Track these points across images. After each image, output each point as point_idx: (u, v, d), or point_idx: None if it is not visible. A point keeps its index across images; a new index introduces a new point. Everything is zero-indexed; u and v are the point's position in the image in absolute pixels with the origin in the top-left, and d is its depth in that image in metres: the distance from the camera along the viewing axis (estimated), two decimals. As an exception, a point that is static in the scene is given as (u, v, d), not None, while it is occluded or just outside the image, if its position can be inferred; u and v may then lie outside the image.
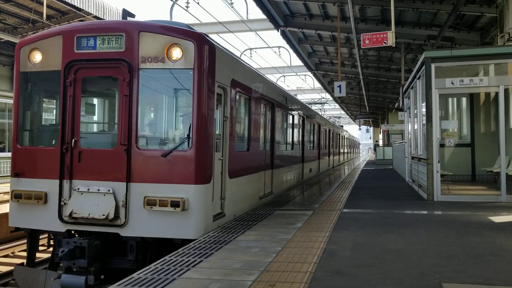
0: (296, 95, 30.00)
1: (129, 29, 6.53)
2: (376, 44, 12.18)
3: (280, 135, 11.65)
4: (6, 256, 10.87)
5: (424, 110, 10.87)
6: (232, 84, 7.57)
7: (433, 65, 10.26)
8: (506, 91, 10.23)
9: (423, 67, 10.65)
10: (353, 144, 49.75)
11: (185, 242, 6.03)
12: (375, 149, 46.38)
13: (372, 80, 29.01)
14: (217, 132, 7.00)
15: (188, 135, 6.26)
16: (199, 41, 6.40)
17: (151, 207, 6.14)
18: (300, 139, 15.07)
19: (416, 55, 20.87)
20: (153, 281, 4.37)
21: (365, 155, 76.57)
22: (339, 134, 30.77)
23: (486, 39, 15.85)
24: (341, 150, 32.52)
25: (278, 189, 11.42)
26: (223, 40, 30.15)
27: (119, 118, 6.47)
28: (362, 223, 7.49)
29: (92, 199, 6.34)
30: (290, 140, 13.41)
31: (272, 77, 29.58)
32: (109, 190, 6.32)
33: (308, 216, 8.19)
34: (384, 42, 11.93)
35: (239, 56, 14.10)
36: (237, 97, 8.01)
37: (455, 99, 16.17)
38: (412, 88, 14.01)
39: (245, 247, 5.75)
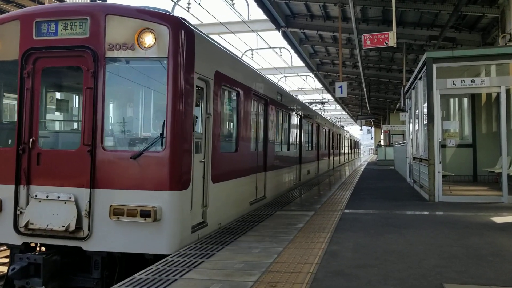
0: (297, 95, 29.96)
1: (94, 12, 5.75)
2: (377, 45, 12.18)
3: (274, 135, 10.91)
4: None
5: (425, 110, 10.86)
6: (216, 76, 6.81)
7: (434, 66, 10.26)
8: (508, 91, 10.23)
9: (425, 67, 10.65)
10: (354, 145, 49.47)
11: (158, 257, 5.35)
12: (377, 150, 46.31)
13: (374, 81, 29.01)
14: (198, 131, 6.31)
15: (162, 134, 5.49)
16: (175, 25, 5.64)
17: (118, 218, 5.38)
18: (298, 139, 14.45)
19: (417, 55, 20.87)
20: (154, 281, 4.37)
21: (366, 155, 76.58)
22: (340, 134, 30.31)
23: (488, 40, 15.85)
24: (342, 151, 32.15)
25: (272, 193, 10.75)
26: (224, 40, 30.17)
27: (82, 114, 5.71)
28: (364, 223, 7.49)
29: (51, 208, 5.57)
30: (286, 140, 12.75)
31: (273, 78, 29.58)
32: (70, 198, 5.54)
33: (310, 216, 8.18)
34: (385, 43, 11.93)
35: (240, 56, 13.95)
36: (223, 91, 7.26)
37: (456, 99, 16.15)
38: (413, 88, 14.00)
39: (247, 247, 5.75)
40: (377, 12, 16.40)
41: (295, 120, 13.89)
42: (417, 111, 13.52)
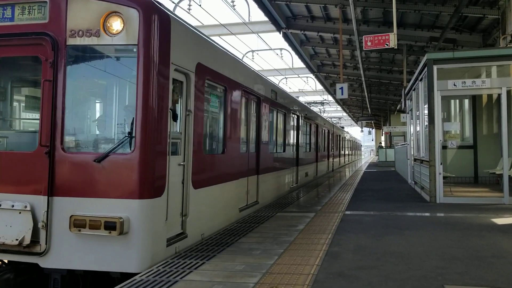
0: (298, 97, 29.94)
1: None
2: (378, 46, 12.19)
3: (268, 135, 10.25)
4: None
5: (426, 112, 10.86)
6: (198, 69, 6.13)
7: (435, 67, 10.27)
8: (509, 92, 10.23)
9: (425, 69, 10.65)
10: (355, 146, 49.33)
11: (126, 276, 4.72)
12: (378, 151, 46.26)
13: (374, 82, 29.01)
14: (176, 130, 5.70)
15: (130, 133, 4.85)
16: (146, 8, 4.97)
17: (79, 230, 4.72)
18: (294, 140, 13.83)
19: (418, 57, 20.87)
20: (155, 283, 4.37)
21: (367, 157, 76.52)
22: (340, 135, 29.96)
23: (488, 41, 15.85)
24: (342, 152, 31.87)
25: (266, 198, 10.08)
26: (225, 42, 30.22)
27: (40, 111, 5.07)
28: (365, 225, 7.48)
29: (4, 218, 4.91)
30: (282, 141, 12.11)
31: (274, 79, 29.59)
32: (25, 207, 4.87)
33: (310, 218, 8.18)
34: (386, 44, 11.93)
35: (241, 58, 13.81)
36: (207, 86, 6.57)
37: (457, 100, 16.16)
38: (414, 90, 14.01)
39: (247, 249, 5.75)
40: (378, 14, 16.41)
41: (291, 120, 13.27)
42: (417, 112, 13.52)
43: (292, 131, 13.46)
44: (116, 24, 4.95)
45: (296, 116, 13.98)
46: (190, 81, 5.92)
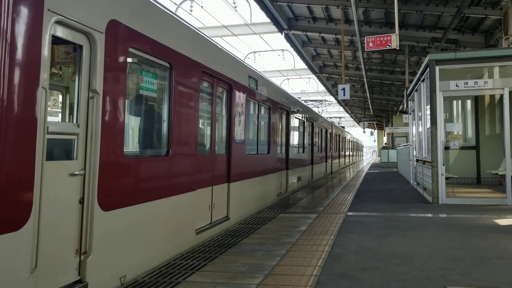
0: (300, 97, 29.89)
1: None
2: (380, 47, 12.20)
3: (244, 133, 8.30)
4: None
5: (428, 112, 10.85)
6: (113, 29, 4.20)
7: (437, 68, 10.27)
8: (511, 93, 10.20)
9: (427, 69, 10.65)
10: (356, 147, 48.81)
11: None
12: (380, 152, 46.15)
13: (376, 83, 29.01)
14: (69, 120, 4.20)
15: None
16: None
17: None
18: (283, 140, 12.02)
19: (420, 57, 20.88)
20: (157, 284, 4.37)
21: (369, 158, 76.46)
22: (339, 135, 28.77)
23: (491, 41, 15.85)
24: (342, 153, 30.85)
25: (241, 211, 8.20)
26: (227, 43, 30.26)
27: None
28: (367, 226, 7.48)
29: None
30: (265, 140, 10.22)
31: (276, 80, 29.59)
32: None
33: (312, 219, 8.18)
34: (388, 45, 11.94)
35: (243, 59, 13.54)
36: (133, 58, 4.73)
37: (459, 101, 16.14)
38: (416, 90, 14.00)
39: (249, 250, 5.75)
40: (380, 14, 16.42)
41: (279, 115, 11.35)
42: (420, 113, 13.50)
43: (280, 129, 11.59)
44: None
45: (285, 112, 12.17)
46: (96, 46, 3.99)
